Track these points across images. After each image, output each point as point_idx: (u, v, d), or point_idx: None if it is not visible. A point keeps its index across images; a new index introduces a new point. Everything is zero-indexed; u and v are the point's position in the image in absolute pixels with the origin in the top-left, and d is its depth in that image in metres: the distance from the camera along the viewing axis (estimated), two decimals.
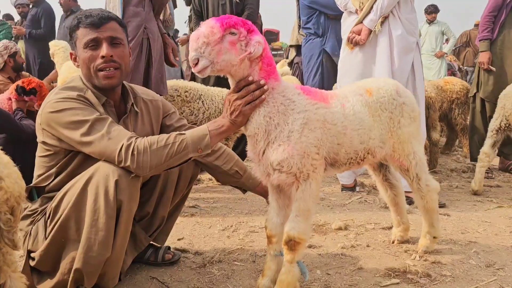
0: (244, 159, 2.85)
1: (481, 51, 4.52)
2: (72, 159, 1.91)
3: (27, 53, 7.31)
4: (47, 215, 1.86)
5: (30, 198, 1.99)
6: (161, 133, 2.04)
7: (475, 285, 2.08)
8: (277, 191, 1.97)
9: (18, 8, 7.88)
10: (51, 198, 1.90)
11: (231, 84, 1.82)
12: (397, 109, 2.11)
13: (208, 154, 1.89)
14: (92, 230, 1.71)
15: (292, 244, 1.84)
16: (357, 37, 3.53)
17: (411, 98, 2.22)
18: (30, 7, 7.76)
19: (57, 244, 1.81)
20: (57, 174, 1.93)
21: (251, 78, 1.74)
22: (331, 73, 5.29)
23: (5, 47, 5.10)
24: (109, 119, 1.85)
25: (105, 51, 1.88)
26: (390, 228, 2.81)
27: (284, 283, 1.86)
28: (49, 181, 1.94)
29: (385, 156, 2.16)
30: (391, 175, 2.47)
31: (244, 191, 2.38)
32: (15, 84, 3.81)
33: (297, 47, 7.32)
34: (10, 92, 3.81)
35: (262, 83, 1.74)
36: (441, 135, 5.70)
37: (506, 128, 3.74)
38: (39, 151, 1.97)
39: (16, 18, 8.93)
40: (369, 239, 2.68)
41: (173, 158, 1.79)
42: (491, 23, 4.46)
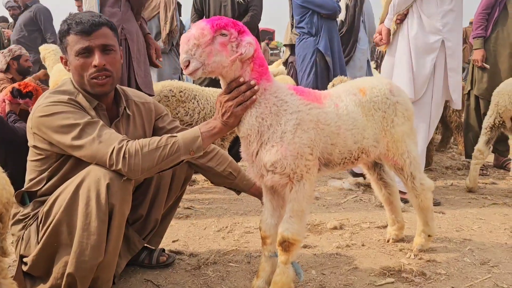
0: (239, 160, 2.84)
1: (475, 49, 4.55)
2: (64, 163, 1.90)
3: None
4: (39, 219, 1.84)
5: (22, 202, 1.97)
6: (153, 136, 2.02)
7: (470, 283, 2.08)
8: (271, 192, 1.96)
9: (9, 10, 7.83)
10: (43, 202, 1.88)
11: (222, 85, 1.81)
12: (390, 108, 2.11)
13: (201, 156, 1.88)
14: (84, 234, 1.69)
15: (286, 245, 1.83)
16: (377, 37, 3.47)
17: (405, 97, 2.22)
18: (21, 9, 7.70)
19: (49, 248, 1.79)
20: (49, 178, 1.92)
21: (242, 79, 1.73)
22: (324, 72, 5.31)
23: (9, 50, 5.18)
24: (100, 122, 1.83)
25: (97, 60, 1.86)
26: (385, 227, 2.81)
27: (278, 284, 1.86)
28: (41, 186, 1.92)
29: (379, 155, 2.15)
30: (385, 174, 2.47)
31: (238, 192, 2.38)
32: (11, 86, 3.78)
33: (291, 47, 7.34)
34: (4, 94, 3.77)
35: (252, 83, 1.74)
36: (436, 133, 5.72)
37: (500, 125, 3.74)
38: (31, 155, 1.95)
39: (10, 20, 8.87)
40: (364, 238, 2.68)
41: (165, 160, 1.78)
42: (484, 21, 4.49)
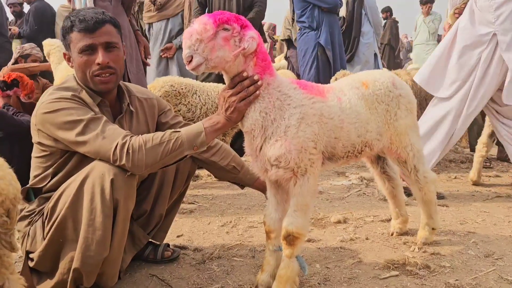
0: (242, 155, 2.84)
1: None
2: (68, 159, 1.90)
3: None
4: (45, 215, 1.86)
5: (27, 199, 1.98)
6: (156, 131, 2.03)
7: (474, 275, 2.08)
8: (275, 187, 1.96)
9: (10, 7, 7.84)
10: (48, 198, 1.89)
11: (225, 80, 1.81)
12: (393, 101, 2.10)
13: (204, 150, 1.88)
14: (89, 229, 1.70)
15: (290, 239, 1.84)
16: (444, 34, 3.44)
17: (407, 90, 2.21)
18: (22, 6, 7.72)
19: (55, 244, 1.80)
20: (53, 174, 1.93)
21: (245, 73, 1.73)
22: (326, 66, 5.30)
23: (20, 47, 5.20)
24: (104, 118, 1.84)
25: (101, 58, 1.87)
26: (388, 220, 2.81)
27: (283, 278, 1.86)
28: (46, 182, 1.93)
29: (382, 148, 2.15)
30: (389, 168, 2.47)
31: (242, 187, 2.38)
32: None
33: (287, 41, 7.33)
34: None
35: (256, 78, 1.73)
36: None
37: None
38: (35, 152, 1.96)
39: (11, 17, 8.87)
40: (368, 232, 2.69)
41: (169, 156, 1.78)
42: None
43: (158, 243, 2.33)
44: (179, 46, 5.14)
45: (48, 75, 5.60)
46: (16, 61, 5.19)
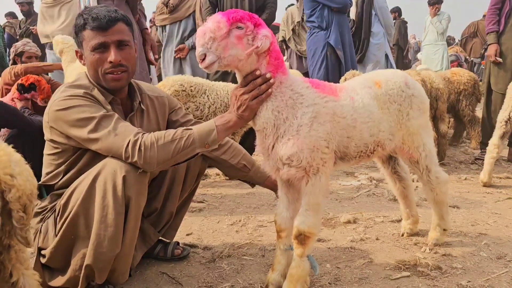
0: (252, 153, 2.84)
1: (489, 44, 4.50)
2: (80, 156, 1.91)
3: None
4: (57, 212, 1.87)
5: (39, 195, 1.98)
6: (167, 129, 2.03)
7: (486, 277, 2.07)
8: (286, 185, 1.96)
9: (19, 6, 7.91)
10: (60, 195, 1.90)
11: (238, 78, 1.81)
12: (406, 101, 2.09)
13: (215, 148, 1.88)
14: (101, 226, 1.71)
15: (302, 238, 1.83)
16: None
17: (420, 89, 2.20)
18: (31, 5, 7.79)
19: (67, 241, 1.81)
20: (65, 171, 1.94)
21: (258, 72, 1.72)
22: (335, 66, 5.28)
23: (14, 46, 5.16)
24: (116, 115, 1.84)
25: (113, 57, 1.87)
26: (399, 221, 2.80)
27: (294, 277, 1.86)
28: (58, 179, 1.94)
29: (394, 148, 2.14)
30: (400, 168, 2.45)
31: (252, 185, 2.38)
32: (16, 84, 3.82)
33: (281, 42, 7.43)
34: (12, 92, 3.82)
35: (268, 76, 1.73)
36: (448, 127, 5.67)
37: None
38: (47, 149, 1.97)
39: (20, 16, 8.95)
40: (378, 232, 2.67)
41: (180, 153, 1.78)
42: (496, 16, 4.47)
43: (168, 241, 2.34)
44: (192, 46, 5.20)
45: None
46: (14, 61, 5.17)
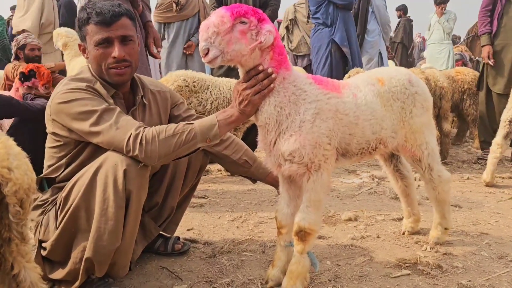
0: (254, 149, 2.83)
1: (482, 46, 4.51)
2: (82, 149, 1.91)
3: None
4: (58, 205, 1.87)
5: (40, 188, 2.00)
6: (169, 124, 2.03)
7: (487, 276, 2.06)
8: (288, 182, 1.95)
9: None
10: (61, 188, 1.90)
11: (241, 73, 1.80)
12: (409, 98, 2.08)
13: (216, 143, 1.88)
14: (101, 219, 1.71)
15: (302, 234, 1.83)
16: None
17: (424, 87, 2.18)
18: None
19: (67, 233, 1.81)
20: (67, 165, 1.94)
21: (261, 67, 1.72)
22: (339, 63, 5.27)
23: (15, 40, 5.17)
24: (118, 109, 1.84)
25: (117, 52, 1.87)
26: (400, 219, 2.79)
27: (294, 274, 1.86)
28: (60, 172, 1.94)
29: (397, 146, 2.13)
30: (402, 166, 2.44)
31: (254, 181, 2.37)
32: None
33: None
34: (15, 83, 3.85)
35: (270, 71, 1.72)
36: (452, 126, 5.65)
37: None
38: (49, 142, 1.97)
39: None
40: (379, 230, 2.67)
41: (182, 147, 1.78)
42: (487, 17, 4.51)
43: (168, 235, 2.34)
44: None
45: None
46: (16, 55, 5.18)
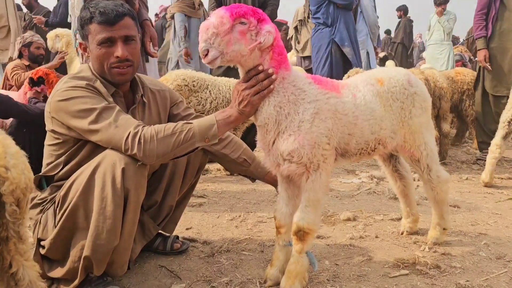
0: (253, 149, 2.84)
1: (478, 50, 4.53)
2: (81, 148, 1.91)
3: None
4: (56, 203, 1.87)
5: (39, 187, 2.00)
6: (168, 123, 2.03)
7: (485, 277, 2.06)
8: (286, 181, 1.96)
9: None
10: (60, 186, 1.90)
11: (240, 73, 1.80)
12: (408, 99, 2.08)
13: (215, 142, 1.88)
14: (100, 218, 1.71)
15: (301, 234, 1.83)
16: None
17: (423, 88, 2.19)
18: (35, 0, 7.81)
19: (66, 232, 1.81)
20: (66, 162, 1.94)
21: (261, 67, 1.72)
22: (340, 64, 5.27)
23: (21, 37, 5.18)
24: (117, 107, 1.84)
25: (120, 52, 1.88)
26: (399, 219, 2.80)
27: (293, 273, 1.86)
28: (58, 170, 1.94)
29: (396, 146, 2.13)
30: (400, 166, 2.45)
31: (253, 180, 2.37)
32: (28, 78, 3.88)
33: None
34: (24, 87, 3.88)
35: (270, 72, 1.72)
36: (451, 127, 5.65)
37: None
38: (48, 140, 1.97)
39: (24, 9, 8.94)
40: (377, 230, 2.67)
41: (180, 147, 1.78)
42: (482, 21, 4.52)
43: (167, 235, 2.34)
44: None
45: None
46: (20, 53, 5.18)
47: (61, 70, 5.73)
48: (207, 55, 1.64)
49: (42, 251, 1.89)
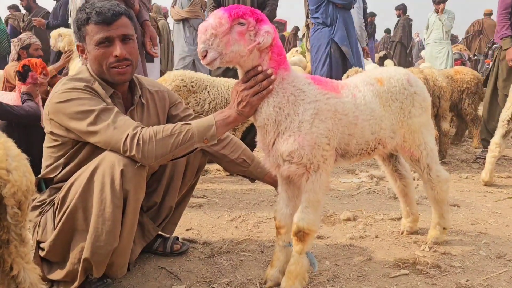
0: (252, 149, 2.83)
1: (505, 49, 4.48)
2: (80, 149, 1.91)
3: None
4: (55, 205, 1.86)
5: (38, 189, 1.99)
6: (167, 124, 2.03)
7: (486, 276, 2.06)
8: (286, 182, 1.95)
9: (21, 1, 7.92)
10: (59, 188, 1.90)
11: (239, 74, 1.80)
12: (408, 98, 2.08)
13: (214, 143, 1.87)
14: (99, 220, 1.71)
15: (301, 235, 1.83)
16: None
17: (422, 87, 2.18)
18: (33, 1, 7.81)
19: (65, 234, 1.81)
20: (65, 165, 1.93)
21: (260, 67, 1.71)
22: (339, 63, 5.27)
23: (18, 39, 5.17)
24: (115, 109, 1.84)
25: (118, 51, 1.87)
26: (399, 219, 2.79)
27: (293, 274, 1.86)
28: (57, 172, 1.94)
29: (395, 146, 2.13)
30: (400, 166, 2.45)
31: (252, 180, 2.37)
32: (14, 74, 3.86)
33: None
34: (17, 86, 3.85)
35: (269, 72, 1.72)
36: (451, 126, 5.65)
37: None
38: (47, 142, 1.97)
39: (23, 10, 8.94)
40: (377, 230, 2.67)
41: (179, 148, 1.78)
42: (507, 20, 4.46)
43: (167, 236, 2.34)
44: None
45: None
46: (18, 55, 5.17)
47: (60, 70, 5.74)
48: (206, 56, 1.64)
49: (41, 253, 1.89)
